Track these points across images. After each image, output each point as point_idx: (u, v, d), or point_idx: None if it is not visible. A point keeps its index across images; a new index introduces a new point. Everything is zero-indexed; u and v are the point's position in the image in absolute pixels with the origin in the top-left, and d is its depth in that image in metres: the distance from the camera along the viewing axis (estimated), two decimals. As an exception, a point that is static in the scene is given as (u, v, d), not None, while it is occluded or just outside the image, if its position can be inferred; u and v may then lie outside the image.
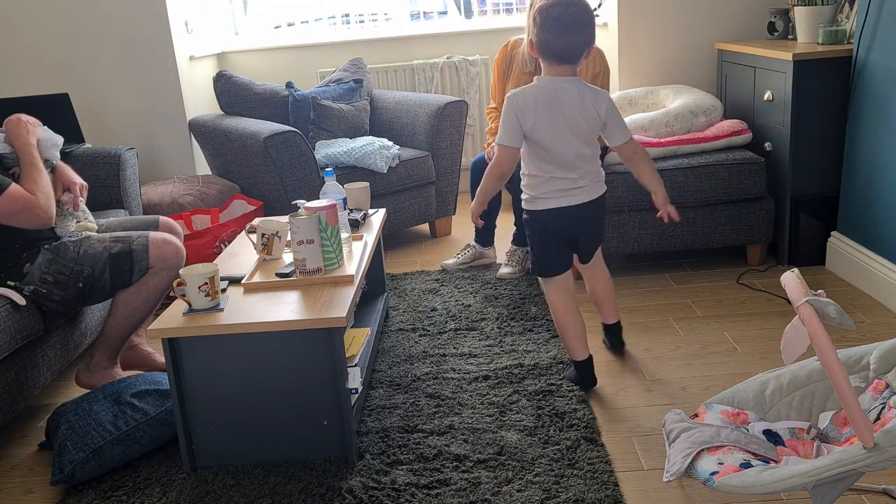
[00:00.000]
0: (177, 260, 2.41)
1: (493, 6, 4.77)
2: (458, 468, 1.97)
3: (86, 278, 2.30)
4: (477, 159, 3.40)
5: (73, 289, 2.29)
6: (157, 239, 2.40)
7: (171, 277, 2.37)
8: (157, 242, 2.39)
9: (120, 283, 2.36)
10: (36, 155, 2.33)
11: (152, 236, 2.41)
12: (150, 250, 2.37)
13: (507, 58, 3.38)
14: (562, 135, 2.17)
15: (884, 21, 2.72)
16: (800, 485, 1.34)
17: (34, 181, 2.25)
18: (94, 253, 2.33)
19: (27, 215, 2.20)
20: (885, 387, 1.57)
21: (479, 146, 4.75)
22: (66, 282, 2.28)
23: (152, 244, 2.38)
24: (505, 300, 3.05)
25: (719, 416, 1.69)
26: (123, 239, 2.39)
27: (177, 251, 2.42)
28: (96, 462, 2.03)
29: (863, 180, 2.90)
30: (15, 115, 2.39)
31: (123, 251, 2.35)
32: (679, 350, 2.57)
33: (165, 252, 2.39)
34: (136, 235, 2.41)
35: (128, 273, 2.35)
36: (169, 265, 2.39)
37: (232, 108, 3.92)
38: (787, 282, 1.49)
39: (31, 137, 2.35)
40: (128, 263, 2.35)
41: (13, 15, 3.79)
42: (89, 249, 2.34)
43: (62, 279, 2.27)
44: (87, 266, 2.31)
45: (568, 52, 2.16)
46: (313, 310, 1.95)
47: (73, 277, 2.29)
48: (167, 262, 2.39)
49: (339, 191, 2.54)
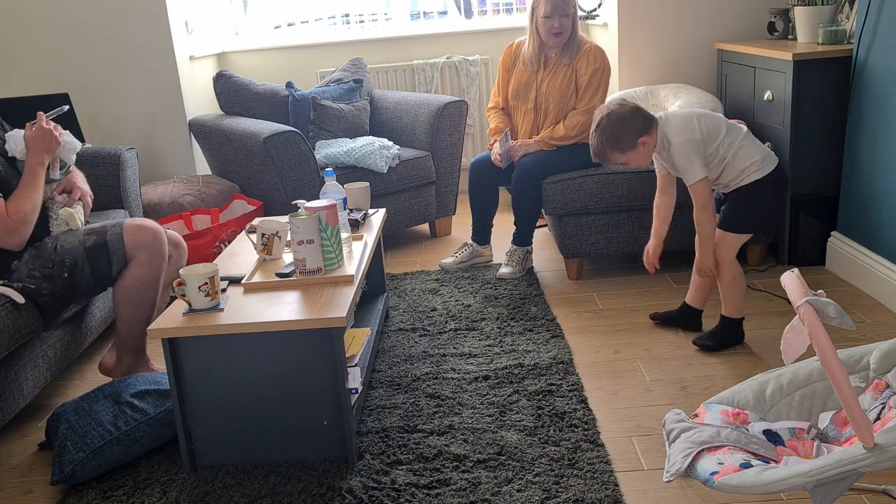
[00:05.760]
0: (156, 244, 2.34)
1: (493, 6, 4.77)
2: (458, 468, 1.97)
3: (69, 267, 2.27)
4: (477, 159, 3.41)
5: (61, 280, 2.27)
6: (131, 226, 2.34)
7: (158, 262, 2.33)
8: (131, 230, 2.33)
9: (101, 275, 2.32)
10: (40, 175, 2.28)
11: (126, 224, 2.35)
12: (126, 239, 2.32)
13: (511, 57, 3.39)
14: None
15: (884, 21, 2.72)
16: (800, 485, 1.34)
17: (21, 200, 2.21)
18: (69, 247, 2.31)
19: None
20: (885, 387, 1.57)
21: (479, 146, 4.75)
22: (51, 275, 2.26)
23: (126, 232, 2.33)
24: (505, 300, 3.05)
25: (719, 416, 1.69)
26: (98, 230, 2.34)
27: (153, 235, 2.34)
28: (96, 462, 2.03)
29: (863, 180, 2.90)
30: (46, 127, 2.30)
31: (98, 243, 2.31)
32: (679, 350, 2.57)
33: (141, 239, 2.33)
34: (110, 225, 2.36)
35: (106, 265, 2.31)
36: (151, 251, 2.33)
37: (232, 108, 3.92)
38: (787, 282, 1.49)
39: (45, 157, 2.29)
40: (104, 255, 2.30)
41: (13, 15, 3.79)
42: (65, 244, 2.31)
43: (47, 272, 2.26)
44: (68, 256, 2.28)
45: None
46: (313, 310, 1.95)
47: (58, 269, 2.26)
48: (147, 248, 2.33)
49: (339, 191, 2.54)
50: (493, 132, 3.40)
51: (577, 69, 3.22)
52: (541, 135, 3.25)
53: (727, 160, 2.42)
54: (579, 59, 3.22)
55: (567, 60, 3.23)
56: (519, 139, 3.34)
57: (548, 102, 3.26)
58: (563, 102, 3.23)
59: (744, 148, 2.42)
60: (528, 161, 3.21)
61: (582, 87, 3.22)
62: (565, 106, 3.24)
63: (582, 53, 3.22)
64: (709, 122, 2.41)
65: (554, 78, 3.24)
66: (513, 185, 3.24)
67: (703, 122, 2.41)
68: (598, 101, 3.22)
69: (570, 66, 3.23)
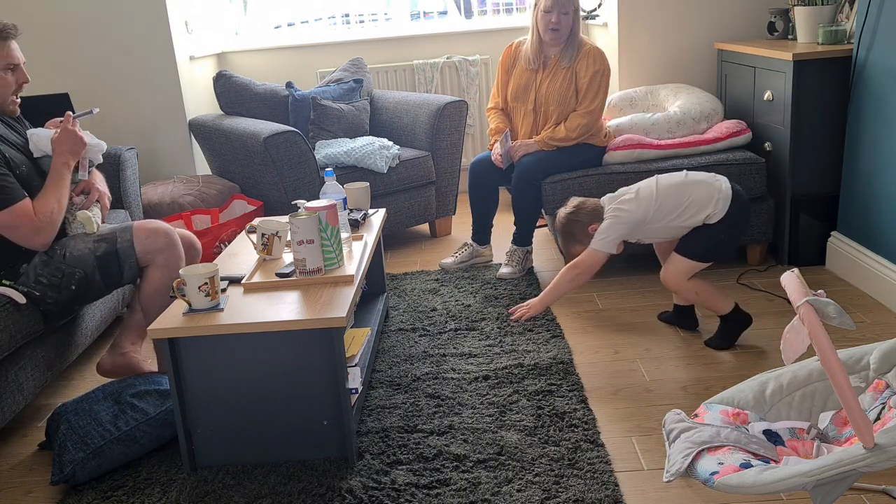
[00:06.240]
0: (170, 246, 2.34)
1: (493, 6, 4.77)
2: (458, 468, 1.97)
3: (78, 281, 2.28)
4: (477, 160, 3.41)
5: (68, 291, 2.27)
6: (141, 231, 2.34)
7: (175, 262, 2.34)
8: (142, 235, 2.33)
9: (113, 282, 2.32)
10: (66, 176, 2.28)
11: (136, 229, 2.34)
12: (137, 245, 2.32)
13: (510, 58, 3.39)
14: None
15: (884, 21, 2.72)
16: (800, 485, 1.34)
17: (47, 200, 2.22)
18: (79, 255, 2.30)
19: (20, 234, 2.19)
20: (885, 387, 1.57)
21: (480, 146, 4.75)
22: (59, 284, 2.26)
23: (137, 238, 2.33)
24: (505, 300, 3.05)
25: (719, 416, 1.69)
26: (108, 238, 2.34)
27: (166, 238, 2.34)
28: (96, 462, 2.03)
29: (863, 180, 2.90)
30: (72, 129, 2.31)
31: (108, 251, 2.31)
32: (679, 350, 2.57)
33: (154, 243, 2.33)
34: (119, 231, 2.35)
35: (118, 273, 2.31)
36: (167, 254, 2.33)
37: (232, 108, 3.92)
38: (787, 282, 1.49)
39: (71, 158, 2.30)
40: (115, 263, 2.31)
41: (14, 15, 3.78)
42: (74, 252, 2.30)
43: (55, 282, 2.26)
44: (78, 268, 2.28)
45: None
46: (313, 310, 1.95)
47: (66, 280, 2.26)
48: (162, 251, 2.33)
49: (339, 191, 2.54)
50: (493, 132, 3.40)
51: (577, 71, 3.22)
52: (541, 135, 3.25)
53: (682, 224, 2.48)
54: (579, 62, 3.22)
55: (567, 63, 3.23)
56: (519, 140, 3.34)
57: (547, 104, 3.26)
58: (563, 104, 3.23)
59: (699, 209, 2.45)
60: (529, 161, 3.21)
61: (582, 89, 3.22)
62: (565, 108, 3.24)
63: (582, 55, 3.22)
64: (660, 205, 2.47)
65: (554, 80, 3.24)
66: (513, 185, 3.24)
67: (647, 204, 2.48)
68: (598, 102, 3.22)
69: (570, 68, 3.23)
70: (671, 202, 2.47)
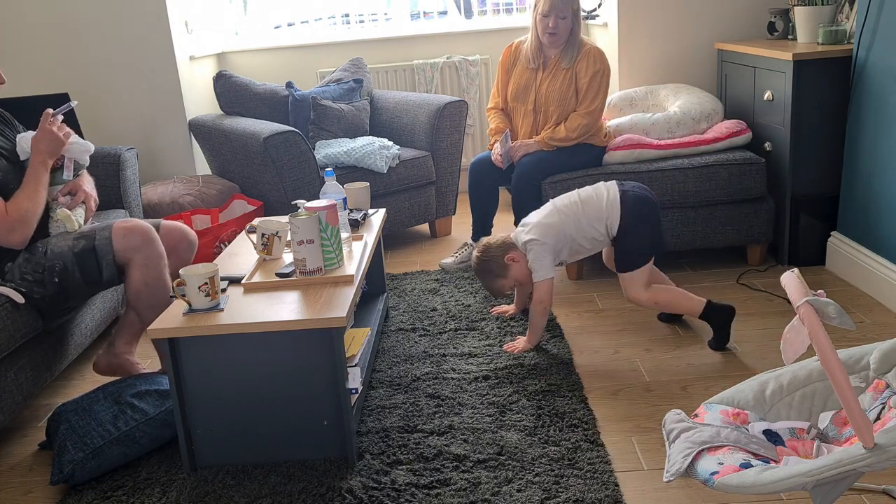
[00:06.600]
0: (147, 245, 2.31)
1: (493, 6, 4.77)
2: (458, 468, 1.97)
3: (59, 272, 2.27)
4: (477, 159, 3.41)
5: (52, 285, 2.26)
6: (120, 230, 2.32)
7: (155, 261, 2.31)
8: (120, 233, 2.31)
9: (91, 280, 2.31)
10: (42, 175, 2.27)
11: (115, 228, 2.33)
12: (115, 243, 2.30)
13: (510, 58, 3.39)
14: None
15: (884, 21, 2.72)
16: (800, 485, 1.34)
17: (20, 199, 2.21)
18: (59, 252, 2.30)
19: None
20: (885, 387, 1.57)
21: (480, 146, 4.75)
22: (41, 279, 2.26)
23: (115, 236, 2.31)
24: (505, 300, 3.04)
25: (719, 416, 1.69)
26: (87, 235, 2.33)
27: (143, 236, 2.31)
28: (96, 462, 2.03)
29: (863, 180, 2.90)
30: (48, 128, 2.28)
31: (86, 248, 2.30)
32: (679, 350, 2.57)
33: (131, 241, 2.31)
34: (99, 229, 2.34)
35: (96, 270, 2.30)
36: (145, 253, 2.30)
37: (232, 108, 3.92)
38: (787, 282, 1.49)
39: (48, 157, 2.28)
40: (93, 259, 2.29)
41: (13, 15, 3.79)
42: (55, 248, 2.30)
43: (38, 277, 2.26)
44: (58, 261, 2.27)
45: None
46: (313, 310, 1.95)
47: (48, 274, 2.26)
48: (139, 250, 2.30)
49: (339, 191, 2.54)
50: (493, 132, 3.40)
51: (577, 72, 3.22)
52: (541, 135, 3.25)
53: (593, 236, 2.60)
54: (579, 62, 3.22)
55: (567, 64, 3.22)
56: (519, 140, 3.34)
57: (547, 104, 3.26)
58: (563, 105, 3.23)
59: (595, 219, 2.57)
60: (529, 161, 3.21)
61: (582, 89, 3.22)
62: (565, 108, 3.24)
63: (581, 56, 3.22)
64: (564, 226, 2.58)
65: (553, 80, 3.24)
66: (513, 185, 3.24)
67: (556, 228, 2.58)
68: (599, 102, 3.22)
69: (570, 69, 3.22)
70: (571, 221, 2.58)
